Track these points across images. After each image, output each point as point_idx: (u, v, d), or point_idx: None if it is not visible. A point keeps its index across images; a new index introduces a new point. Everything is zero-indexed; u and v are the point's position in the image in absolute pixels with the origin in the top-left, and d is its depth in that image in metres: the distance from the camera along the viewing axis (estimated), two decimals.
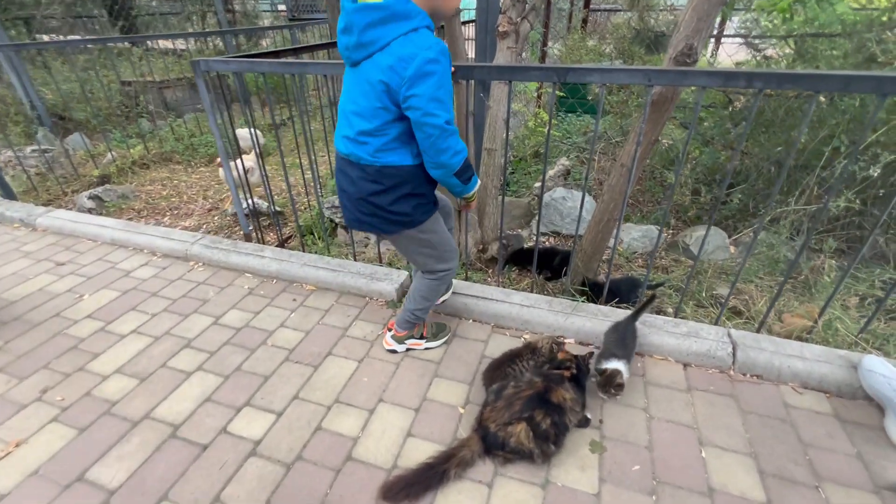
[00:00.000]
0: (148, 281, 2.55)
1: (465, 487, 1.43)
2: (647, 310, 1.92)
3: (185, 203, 4.00)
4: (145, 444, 1.60)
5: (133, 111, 5.54)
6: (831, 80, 1.46)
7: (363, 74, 1.27)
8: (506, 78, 1.81)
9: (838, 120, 2.45)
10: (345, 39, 1.24)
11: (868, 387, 1.63)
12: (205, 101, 2.36)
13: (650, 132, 1.94)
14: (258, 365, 1.94)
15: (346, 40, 1.23)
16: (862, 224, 2.50)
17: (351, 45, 1.23)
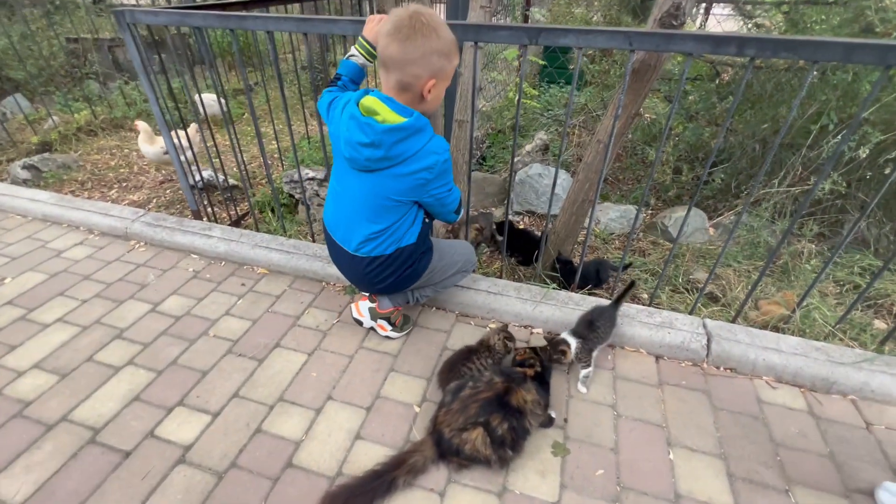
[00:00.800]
0: (81, 262, 2.31)
1: (415, 497, 1.31)
2: (628, 297, 1.79)
3: (135, 174, 3.69)
4: (59, 450, 1.42)
5: (80, 72, 5.06)
6: (831, 49, 1.30)
7: (379, 179, 1.40)
8: (471, 38, 1.59)
9: (828, 96, 2.31)
10: (368, 152, 1.33)
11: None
12: (134, 59, 2.07)
13: (630, 105, 1.76)
14: (196, 358, 1.76)
15: (370, 153, 1.33)
16: (845, 207, 2.40)
17: (375, 158, 1.34)
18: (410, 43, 1.23)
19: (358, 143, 1.34)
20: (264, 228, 2.65)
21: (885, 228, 2.30)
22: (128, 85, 4.96)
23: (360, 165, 1.39)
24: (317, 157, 3.48)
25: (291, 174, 2.88)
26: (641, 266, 2.48)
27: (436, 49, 1.25)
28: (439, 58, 1.27)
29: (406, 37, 1.22)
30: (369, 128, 1.30)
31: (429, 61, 1.26)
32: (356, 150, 1.35)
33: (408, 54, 1.24)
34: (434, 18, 1.25)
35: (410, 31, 1.22)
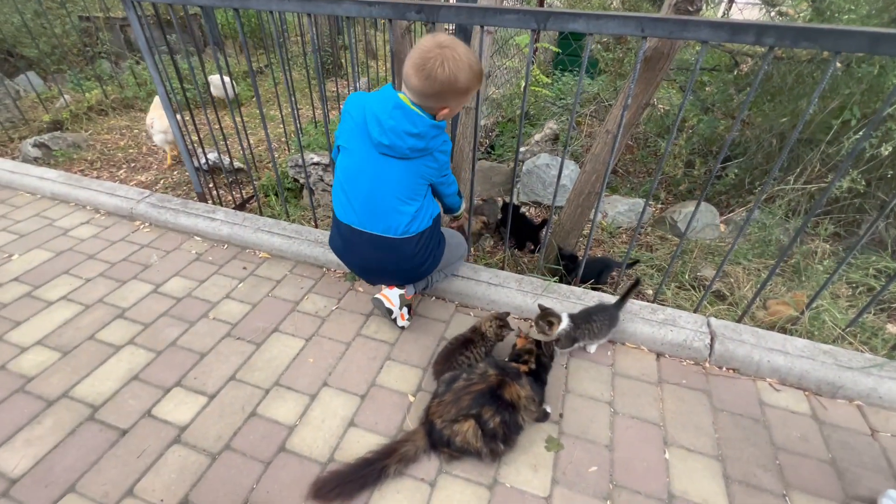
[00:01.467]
0: (87, 241, 2.33)
1: (406, 486, 1.31)
2: (632, 296, 1.75)
3: (143, 155, 3.70)
4: (59, 426, 1.45)
5: (92, 51, 5.07)
6: (856, 38, 1.22)
7: (414, 164, 1.50)
8: (477, 22, 1.53)
9: (852, 89, 2.21)
10: (413, 142, 1.43)
11: None
12: (139, 38, 2.05)
13: (641, 94, 1.70)
14: (196, 340, 1.77)
15: (414, 142, 1.43)
16: (863, 206, 2.32)
17: (418, 148, 1.45)
18: (430, 82, 1.34)
19: (405, 132, 1.41)
20: (268, 213, 2.65)
21: None
22: (139, 65, 4.95)
23: (399, 153, 1.45)
24: (323, 142, 3.46)
25: (296, 158, 2.86)
26: (648, 262, 2.44)
27: (454, 90, 1.37)
28: (455, 96, 1.40)
29: (427, 76, 1.33)
30: (419, 119, 1.40)
31: (443, 98, 1.39)
32: (401, 138, 1.41)
33: (426, 90, 1.36)
34: (457, 60, 1.33)
35: (431, 72, 1.32)
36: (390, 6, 1.58)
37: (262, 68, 5.58)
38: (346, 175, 1.56)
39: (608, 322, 1.67)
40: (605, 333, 1.68)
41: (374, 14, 1.60)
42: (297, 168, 2.90)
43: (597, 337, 1.66)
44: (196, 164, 2.58)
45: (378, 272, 1.72)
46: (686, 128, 3.09)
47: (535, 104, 3.91)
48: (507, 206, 2.27)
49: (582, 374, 1.67)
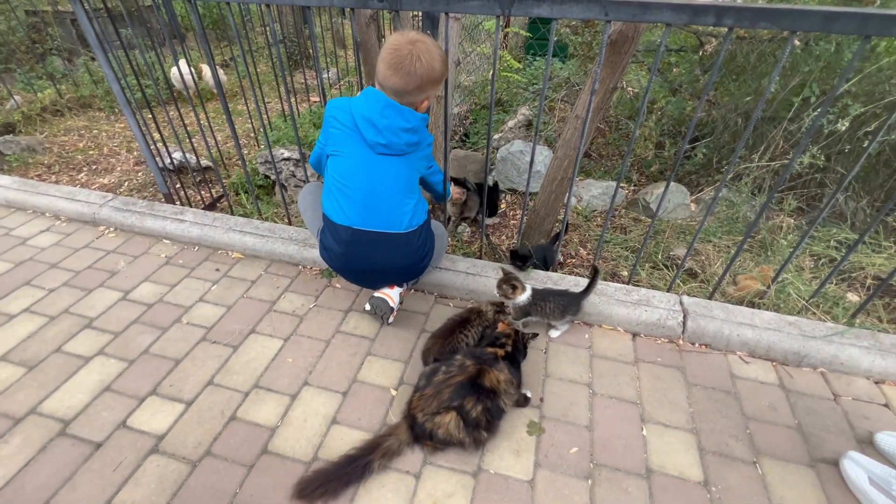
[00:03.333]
0: (48, 250, 2.23)
1: (390, 479, 1.32)
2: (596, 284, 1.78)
3: (105, 157, 3.55)
4: (28, 444, 1.40)
5: (42, 47, 4.80)
6: (810, 18, 1.25)
7: (408, 159, 1.55)
8: (441, 9, 1.51)
9: (811, 67, 2.27)
10: (408, 137, 1.48)
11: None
12: (88, 33, 1.95)
13: (608, 78, 1.71)
14: (169, 346, 1.73)
15: (409, 137, 1.48)
16: (823, 181, 2.40)
17: (413, 142, 1.50)
18: (410, 78, 1.38)
19: (400, 129, 1.45)
20: (239, 212, 2.59)
21: (863, 202, 2.31)
22: (94, 61, 4.72)
23: (397, 150, 1.49)
24: (294, 137, 3.38)
25: (266, 154, 2.79)
26: (622, 243, 2.48)
27: (431, 80, 1.41)
28: (433, 85, 1.44)
29: (407, 73, 1.37)
30: (410, 114, 1.45)
31: (424, 91, 1.43)
32: (397, 135, 1.46)
33: (407, 87, 1.40)
34: (430, 53, 1.38)
35: (411, 69, 1.36)
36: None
37: (228, 61, 5.40)
38: (344, 178, 1.55)
39: (562, 307, 1.70)
40: (558, 317, 1.71)
41: (336, 3, 1.56)
42: (267, 164, 2.83)
43: (549, 317, 1.70)
44: (161, 164, 2.49)
45: (383, 273, 1.68)
46: (655, 109, 3.13)
47: (507, 90, 3.90)
48: (481, 188, 2.28)
49: (561, 358, 1.70)
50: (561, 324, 1.76)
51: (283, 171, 2.74)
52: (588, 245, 2.55)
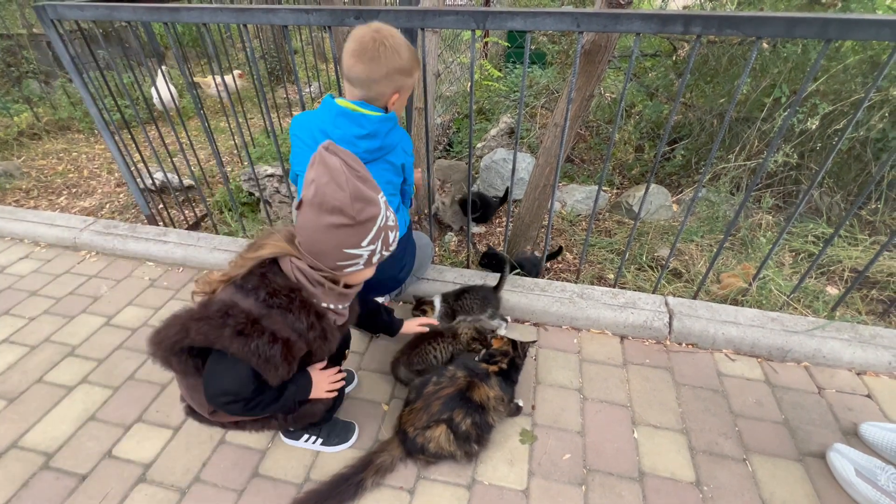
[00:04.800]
0: (27, 278, 2.19)
1: (384, 496, 1.30)
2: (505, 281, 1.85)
3: (85, 179, 3.50)
4: (10, 479, 1.36)
5: (18, 70, 4.73)
6: (774, 24, 1.30)
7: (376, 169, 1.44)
8: (417, 24, 1.53)
9: (780, 68, 2.34)
10: (366, 143, 1.39)
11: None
12: (63, 57, 1.93)
13: (584, 86, 1.74)
14: (155, 372, 1.70)
15: (368, 144, 1.39)
16: (798, 178, 2.46)
17: (374, 148, 1.41)
18: (375, 64, 1.30)
19: (354, 137, 1.38)
20: (224, 230, 2.57)
21: (836, 197, 2.38)
22: (71, 83, 4.66)
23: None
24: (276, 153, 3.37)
25: (249, 171, 2.78)
26: (607, 246, 2.51)
27: (398, 69, 1.33)
28: (402, 76, 1.35)
29: (371, 59, 1.29)
30: (364, 119, 1.37)
31: (392, 80, 1.34)
32: (353, 144, 1.38)
33: (372, 74, 1.32)
34: (395, 39, 1.31)
35: (375, 54, 1.29)
36: (328, 13, 1.56)
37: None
38: None
39: (480, 300, 1.75)
40: (479, 311, 1.76)
41: (312, 22, 1.57)
42: (250, 181, 2.81)
43: (473, 313, 1.75)
44: (142, 185, 2.46)
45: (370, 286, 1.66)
46: (633, 113, 3.19)
47: (488, 99, 3.94)
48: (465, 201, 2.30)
49: (551, 364, 1.71)
50: (486, 317, 1.79)
51: (266, 187, 2.73)
52: (574, 249, 2.58)
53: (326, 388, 1.22)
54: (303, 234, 1.02)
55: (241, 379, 0.98)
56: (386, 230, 1.05)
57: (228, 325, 0.92)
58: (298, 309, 0.99)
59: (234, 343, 0.92)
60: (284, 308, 0.98)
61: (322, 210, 0.95)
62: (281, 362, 0.97)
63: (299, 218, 1.01)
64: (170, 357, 1.00)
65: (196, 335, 0.93)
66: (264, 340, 0.94)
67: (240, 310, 0.94)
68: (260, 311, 0.95)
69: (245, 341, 0.92)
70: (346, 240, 0.99)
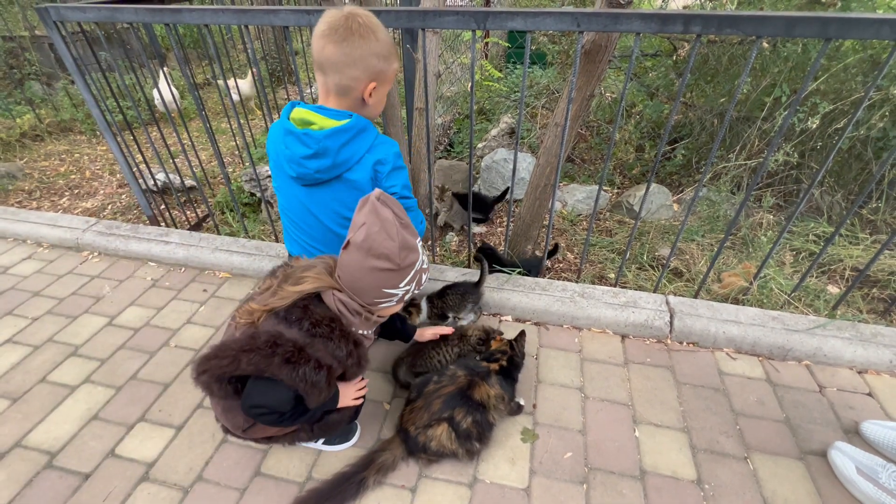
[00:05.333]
0: (30, 278, 2.20)
1: (386, 495, 1.31)
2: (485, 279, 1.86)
3: (87, 180, 3.52)
4: (14, 479, 1.37)
5: (20, 72, 4.75)
6: (773, 23, 1.30)
7: (335, 190, 1.33)
8: (418, 25, 1.54)
9: (780, 67, 2.34)
10: (315, 164, 1.26)
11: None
12: (65, 58, 1.94)
13: (584, 86, 1.74)
14: (158, 371, 1.71)
15: (317, 164, 1.26)
16: (799, 177, 2.47)
17: (325, 168, 1.27)
18: (347, 44, 1.17)
19: (301, 158, 1.26)
20: (226, 230, 2.57)
21: (837, 196, 2.38)
22: (73, 85, 4.68)
23: (311, 180, 1.31)
24: None
25: (251, 172, 2.78)
26: (608, 246, 2.51)
27: (374, 51, 1.20)
28: (378, 60, 1.22)
29: (342, 38, 1.17)
30: (308, 138, 1.24)
31: (367, 63, 1.21)
32: (301, 165, 1.27)
33: (345, 56, 1.19)
34: (371, 19, 1.21)
35: (347, 33, 1.17)
36: None
37: (209, 79, 5.39)
38: (285, 212, 1.49)
39: (460, 297, 1.78)
40: (463, 309, 1.79)
41: (312, 23, 1.57)
42: (252, 182, 2.82)
43: (454, 310, 1.77)
44: (144, 186, 2.47)
45: None
46: (634, 113, 3.19)
47: (489, 99, 3.95)
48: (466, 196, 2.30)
49: (552, 363, 1.71)
50: (466, 314, 1.82)
51: (268, 188, 2.74)
52: (575, 249, 2.58)
53: (353, 397, 1.27)
54: (346, 272, 1.09)
55: (282, 399, 1.05)
56: (421, 273, 1.13)
57: (277, 355, 0.99)
58: (339, 338, 1.07)
59: (283, 370, 0.99)
60: (326, 337, 1.05)
61: (370, 255, 1.03)
62: (325, 387, 1.05)
63: (344, 257, 1.08)
64: (212, 384, 1.06)
65: (247, 366, 1.00)
66: (311, 367, 1.01)
67: (286, 339, 1.01)
68: (304, 339, 1.03)
69: (293, 368, 1.00)
70: (387, 281, 1.08)
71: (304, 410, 1.12)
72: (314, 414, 1.17)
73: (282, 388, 1.03)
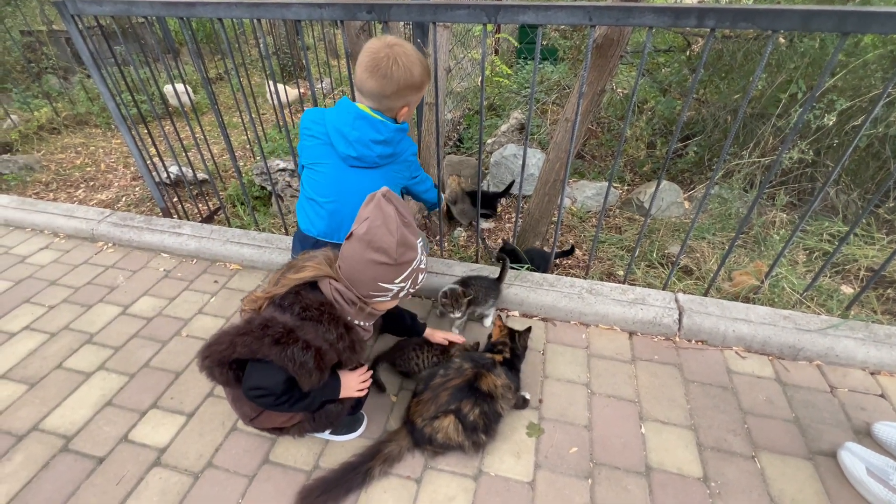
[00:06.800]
0: (47, 267, 2.25)
1: (392, 485, 1.32)
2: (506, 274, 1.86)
3: (102, 173, 3.58)
4: (31, 461, 1.40)
5: (38, 66, 4.84)
6: (789, 17, 1.28)
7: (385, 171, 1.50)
8: (429, 18, 1.54)
9: (797, 63, 2.30)
10: (380, 149, 1.43)
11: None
12: (82, 52, 1.97)
13: (596, 81, 1.73)
14: (170, 360, 1.74)
15: (382, 150, 1.43)
16: (814, 175, 2.42)
17: (386, 154, 1.45)
18: (387, 81, 1.33)
19: (371, 141, 1.40)
20: (237, 223, 2.60)
21: (853, 195, 2.33)
22: (90, 79, 4.76)
23: (369, 162, 1.45)
24: (288, 147, 3.41)
25: (261, 166, 2.81)
26: (617, 243, 2.50)
27: (409, 85, 1.36)
28: (412, 92, 1.39)
29: (383, 76, 1.32)
30: (383, 126, 1.40)
31: (402, 96, 1.38)
32: (368, 147, 1.41)
33: (384, 90, 1.34)
34: (409, 56, 1.33)
35: (387, 71, 1.31)
36: (341, 7, 1.57)
37: (222, 74, 5.44)
38: (317, 190, 1.53)
39: (484, 290, 1.76)
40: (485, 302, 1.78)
41: (325, 16, 1.59)
42: (262, 175, 2.85)
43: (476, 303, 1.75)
44: (157, 179, 2.51)
45: None
46: (646, 109, 3.16)
47: (499, 95, 3.93)
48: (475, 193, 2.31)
49: (559, 359, 1.71)
50: (486, 309, 1.81)
51: (278, 181, 2.76)
52: (583, 245, 2.57)
53: (357, 388, 1.29)
54: (346, 262, 1.13)
55: (276, 380, 1.07)
56: (417, 272, 1.16)
57: (268, 336, 1.03)
58: (328, 321, 1.09)
59: (273, 351, 1.02)
60: (315, 320, 1.08)
61: (369, 247, 1.07)
62: (314, 369, 1.06)
63: (346, 247, 1.13)
64: (214, 368, 1.11)
65: (241, 348, 1.04)
66: (298, 347, 1.03)
67: (277, 322, 1.05)
68: (294, 323, 1.06)
69: (282, 349, 1.03)
70: (383, 275, 1.11)
71: (301, 395, 1.13)
72: (312, 401, 1.18)
73: (275, 369, 1.05)
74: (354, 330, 1.15)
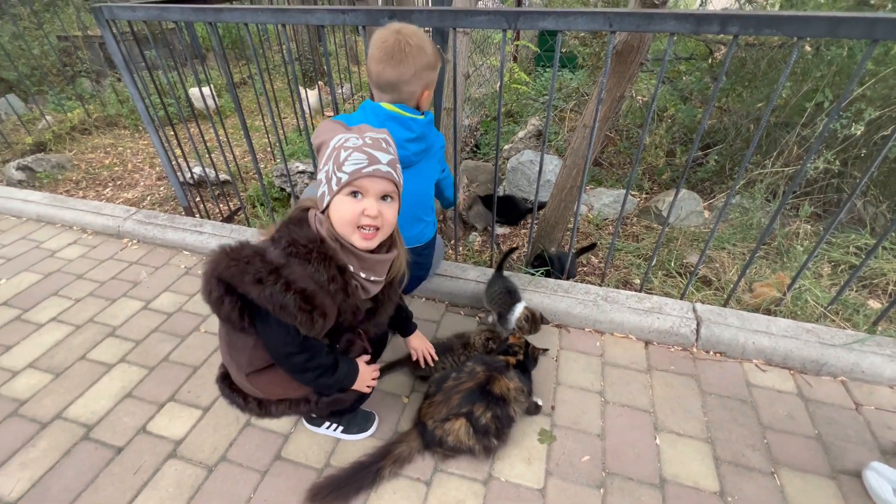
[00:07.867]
0: (74, 262, 2.32)
1: (401, 486, 1.32)
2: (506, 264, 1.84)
3: (129, 172, 3.69)
4: (54, 447, 1.45)
5: (72, 70, 5.04)
6: (816, 23, 1.26)
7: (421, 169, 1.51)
8: (449, 24, 1.56)
9: (823, 72, 2.25)
10: (414, 146, 1.43)
11: None
12: (115, 56, 2.05)
13: (615, 87, 1.72)
14: (188, 354, 1.78)
15: (416, 147, 1.44)
16: (840, 186, 2.36)
17: (420, 150, 1.46)
18: (404, 66, 1.31)
19: (405, 141, 1.41)
20: (256, 224, 2.66)
21: (882, 207, 2.26)
22: (120, 82, 4.93)
23: (406, 162, 1.43)
24: (307, 150, 3.46)
25: (281, 168, 2.87)
26: (634, 251, 2.47)
27: (426, 65, 1.34)
28: (429, 71, 1.37)
29: (399, 61, 1.31)
30: (414, 122, 1.40)
31: (421, 77, 1.36)
32: (403, 147, 1.40)
33: (403, 76, 1.33)
34: (418, 36, 1.33)
35: (402, 56, 1.30)
36: (363, 13, 1.60)
37: (245, 79, 5.58)
38: None
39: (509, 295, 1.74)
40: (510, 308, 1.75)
41: (348, 22, 1.62)
42: (282, 178, 2.91)
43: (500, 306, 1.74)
44: (181, 179, 2.58)
45: None
46: (666, 117, 3.12)
47: (517, 101, 3.94)
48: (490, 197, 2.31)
49: (572, 366, 1.69)
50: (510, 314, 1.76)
51: (298, 183, 2.81)
52: (600, 253, 2.55)
53: (367, 382, 1.28)
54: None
55: (287, 329, 1.01)
56: (340, 150, 1.01)
57: (249, 273, 0.94)
58: (318, 260, 1.00)
59: (253, 289, 0.94)
60: (303, 257, 0.99)
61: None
62: (297, 311, 0.96)
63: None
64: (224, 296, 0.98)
65: (224, 270, 0.95)
66: (277, 288, 0.94)
67: (262, 258, 0.96)
68: (280, 260, 0.97)
69: (262, 288, 0.94)
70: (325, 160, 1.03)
71: (331, 364, 1.11)
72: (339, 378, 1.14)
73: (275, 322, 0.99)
74: (348, 271, 1.04)
